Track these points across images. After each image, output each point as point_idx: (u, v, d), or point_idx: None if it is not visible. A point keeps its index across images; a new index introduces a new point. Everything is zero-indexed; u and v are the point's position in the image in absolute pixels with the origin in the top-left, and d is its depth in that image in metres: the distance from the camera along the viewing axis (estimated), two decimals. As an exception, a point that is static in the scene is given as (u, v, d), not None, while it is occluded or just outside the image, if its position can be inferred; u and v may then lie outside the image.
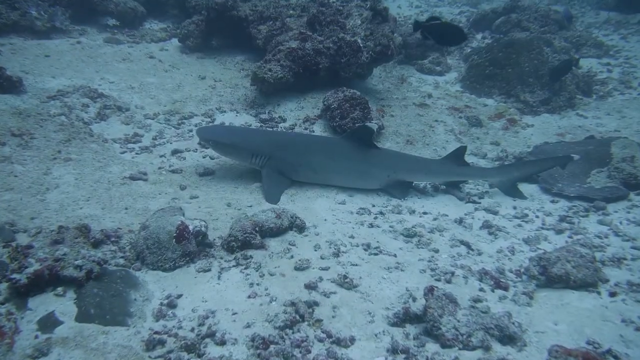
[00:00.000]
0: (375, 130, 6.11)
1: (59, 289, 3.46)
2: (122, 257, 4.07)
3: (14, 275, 3.37)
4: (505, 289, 3.80)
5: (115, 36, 9.34)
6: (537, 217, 5.23)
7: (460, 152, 5.68)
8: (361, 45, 7.77)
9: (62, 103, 6.47)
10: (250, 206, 5.21)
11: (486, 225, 4.93)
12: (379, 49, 7.73)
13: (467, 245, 4.51)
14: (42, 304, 3.35)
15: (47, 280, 3.49)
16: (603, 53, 10.57)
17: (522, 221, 5.13)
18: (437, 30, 6.26)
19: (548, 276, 3.74)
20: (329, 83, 7.96)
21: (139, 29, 9.97)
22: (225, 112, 7.38)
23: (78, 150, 5.61)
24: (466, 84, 8.93)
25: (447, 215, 5.25)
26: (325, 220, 5.00)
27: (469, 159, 6.74)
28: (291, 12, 8.72)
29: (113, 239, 4.25)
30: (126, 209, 4.82)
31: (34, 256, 3.60)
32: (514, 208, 5.45)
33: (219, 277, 3.90)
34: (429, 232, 4.78)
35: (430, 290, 3.38)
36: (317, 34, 8.07)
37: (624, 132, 7.32)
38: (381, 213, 5.23)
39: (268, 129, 6.96)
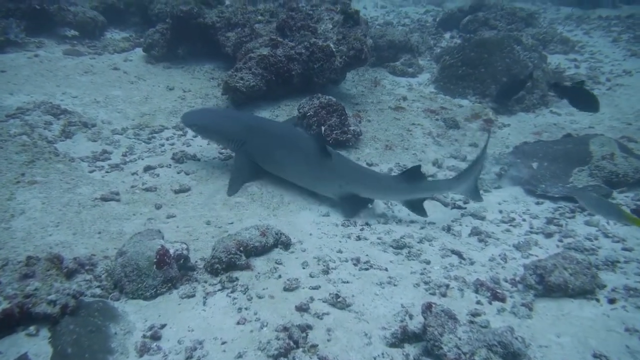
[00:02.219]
0: (323, 132, 6.02)
1: (31, 328, 3.22)
2: (98, 286, 3.84)
3: (-19, 317, 3.12)
4: (503, 300, 3.74)
5: (76, 48, 8.99)
6: (524, 220, 5.22)
7: (416, 170, 5.18)
8: (334, 50, 7.67)
9: (23, 121, 6.14)
10: (231, 223, 5.03)
11: (475, 232, 4.89)
12: (352, 53, 7.65)
13: (459, 255, 4.45)
14: (13, 345, 3.11)
15: (18, 319, 3.24)
16: (569, 49, 10.80)
17: (510, 225, 5.11)
18: (574, 94, 6.12)
19: (546, 285, 3.69)
20: (302, 90, 7.85)
21: (100, 40, 9.64)
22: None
23: (43, 171, 5.31)
24: (440, 85, 8.94)
25: (435, 223, 5.19)
26: (311, 234, 4.86)
27: (449, 161, 6.76)
28: (260, 17, 8.56)
29: (87, 267, 4.01)
30: (99, 233, 4.57)
31: (2, 293, 3.33)
32: (500, 212, 5.44)
33: (204, 303, 3.70)
34: (418, 242, 4.70)
35: (428, 308, 3.29)
36: (288, 39, 7.93)
37: (597, 129, 7.45)
38: (367, 224, 5.12)
39: (249, 113, 6.93)
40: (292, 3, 8.43)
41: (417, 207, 5.27)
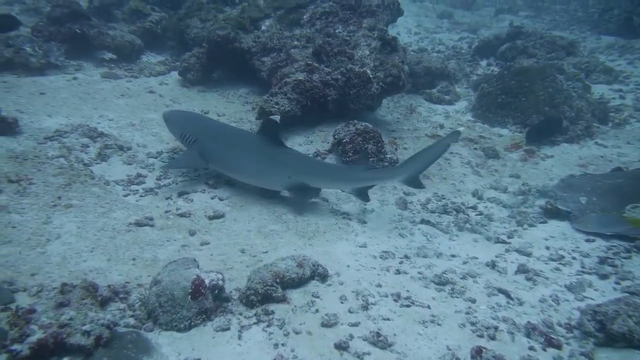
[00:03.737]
0: (278, 121, 5.90)
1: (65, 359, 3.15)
2: (132, 316, 3.78)
3: (15, 346, 3.07)
4: (559, 347, 3.52)
5: (113, 71, 9.17)
6: (574, 258, 4.99)
7: (365, 158, 5.80)
8: (371, 76, 7.63)
9: (61, 144, 6.21)
10: (266, 252, 4.93)
11: (522, 270, 4.68)
12: (389, 79, 7.59)
13: (506, 294, 4.24)
14: (46, 377, 3.04)
15: (52, 350, 3.18)
16: (613, 79, 10.54)
17: (559, 264, 4.88)
18: None
19: (608, 334, 3.47)
20: (337, 115, 7.82)
21: (137, 63, 9.82)
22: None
23: (79, 195, 5.33)
24: (478, 113, 8.79)
25: (477, 258, 5.00)
26: (348, 266, 4.73)
27: (489, 192, 6.58)
28: (296, 43, 8.61)
29: (121, 296, 3.96)
30: (133, 259, 4.53)
31: (37, 322, 3.29)
32: (547, 249, 5.21)
33: (239, 337, 3.60)
34: (461, 278, 4.52)
35: (478, 352, 3.12)
36: (324, 65, 7.94)
37: (647, 162, 7.18)
38: (406, 257, 4.97)
39: (212, 119, 7.29)
40: (328, 29, 8.46)
41: (362, 194, 5.75)
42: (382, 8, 8.68)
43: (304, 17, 9.03)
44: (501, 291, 4.28)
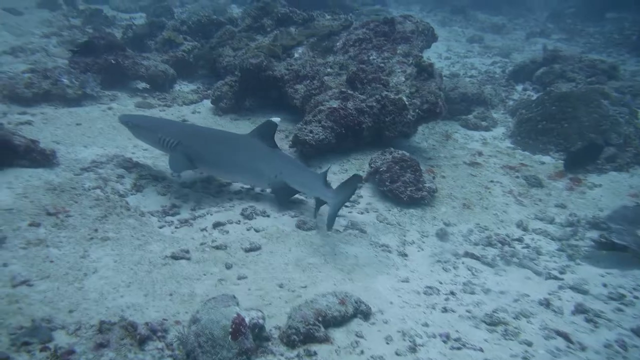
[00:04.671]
0: (277, 124, 6.22)
1: (104, 404, 3.06)
2: (170, 356, 3.68)
3: (55, 390, 2.99)
4: (631, 398, 3.27)
5: (147, 100, 9.30)
6: (636, 298, 4.70)
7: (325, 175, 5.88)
8: (407, 103, 7.54)
9: (97, 175, 6.25)
10: (305, 287, 4.80)
11: (580, 310, 4.42)
12: (426, 106, 7.48)
13: (565, 338, 4.00)
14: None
15: (91, 393, 3.10)
16: (658, 102, 10.20)
17: (621, 303, 4.60)
18: None
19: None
20: (372, 143, 7.73)
21: (170, 92, 9.95)
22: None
23: (115, 227, 5.31)
24: (517, 140, 8.58)
25: (529, 296, 4.75)
26: (391, 303, 4.55)
27: (534, 224, 6.33)
28: (329, 70, 8.60)
29: (159, 334, 3.86)
30: (170, 295, 4.44)
31: (76, 364, 3.22)
32: (605, 286, 4.93)
33: (281, 381, 3.45)
34: (514, 318, 4.29)
35: (544, 403, 2.88)
36: (358, 92, 7.88)
37: None
38: (452, 293, 4.76)
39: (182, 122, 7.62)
40: (362, 56, 8.44)
41: (318, 207, 5.92)
42: (417, 34, 8.62)
43: (337, 44, 9.04)
44: (559, 334, 4.04)
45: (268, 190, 6.32)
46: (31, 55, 10.58)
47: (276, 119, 6.24)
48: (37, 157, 5.91)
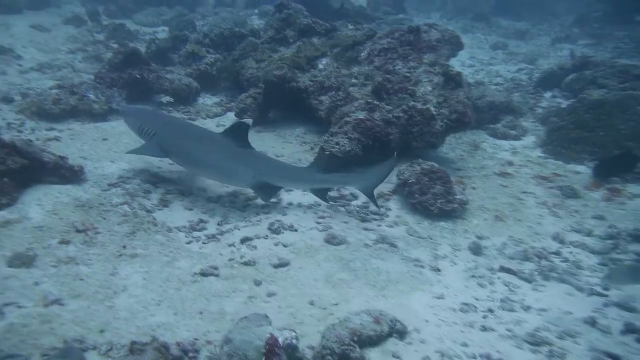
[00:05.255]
0: (250, 125, 6.51)
1: None
2: (202, 377, 3.60)
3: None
4: None
5: (171, 114, 9.34)
6: (688, 314, 4.49)
7: (322, 159, 6.25)
8: (434, 113, 7.42)
9: (124, 190, 6.27)
10: (336, 304, 4.69)
11: (630, 329, 4.21)
12: (454, 116, 7.36)
13: None
14: None
15: (125, 417, 3.04)
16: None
17: (673, 321, 4.39)
18: None
19: None
20: (399, 154, 7.59)
21: (194, 105, 10.00)
22: (290, 190, 7.02)
23: (143, 243, 5.29)
24: (548, 149, 8.37)
25: (572, 313, 4.56)
26: (427, 321, 4.42)
27: (571, 236, 6.13)
28: (354, 80, 8.53)
29: (191, 354, 3.82)
30: (200, 313, 4.38)
31: (110, 387, 3.17)
32: (653, 302, 4.72)
33: (317, 404, 3.34)
34: (557, 337, 4.12)
35: None
36: (384, 102, 7.79)
37: None
38: (490, 310, 4.60)
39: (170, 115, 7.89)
40: (387, 66, 8.36)
41: (321, 195, 6.25)
42: (443, 42, 8.52)
43: (362, 54, 8.99)
44: (610, 356, 3.85)
45: (248, 189, 6.41)
46: (58, 71, 10.76)
47: (248, 120, 6.85)
48: (65, 173, 5.94)
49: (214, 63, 11.00)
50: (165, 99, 9.89)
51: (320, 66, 9.17)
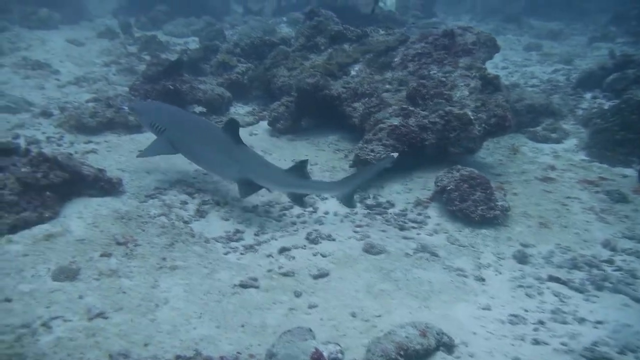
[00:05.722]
0: (239, 123, 6.73)
1: None
2: (247, 392, 3.55)
3: None
4: None
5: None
6: None
7: (302, 165, 6.12)
8: (472, 117, 7.26)
9: (161, 202, 6.31)
10: (379, 316, 4.59)
11: (696, 342, 4.00)
12: (493, 120, 7.19)
13: (683, 375, 3.62)
14: None
15: None
16: None
17: None
18: None
19: None
20: (435, 160, 7.48)
21: (226, 114, 10.04)
22: (326, 199, 6.96)
23: (182, 255, 5.30)
24: (592, 152, 8.10)
25: (631, 326, 4.34)
26: (475, 334, 4.28)
27: (623, 243, 5.89)
28: (387, 86, 8.43)
29: (235, 369, 3.76)
30: (242, 326, 4.34)
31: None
32: None
33: (365, 421, 3.25)
34: (618, 353, 3.93)
35: None
36: (419, 108, 7.67)
37: None
38: (541, 322, 4.43)
39: (178, 108, 7.62)
40: (422, 70, 8.24)
41: (297, 199, 6.35)
42: (478, 45, 8.35)
43: (395, 59, 8.89)
44: (675, 371, 3.66)
45: (233, 183, 6.61)
46: (93, 84, 10.97)
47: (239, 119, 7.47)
48: (104, 185, 6.01)
49: (245, 72, 11.06)
50: (199, 109, 9.96)
51: (353, 73, 9.10)
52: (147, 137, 8.47)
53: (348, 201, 6.19)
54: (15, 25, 15.77)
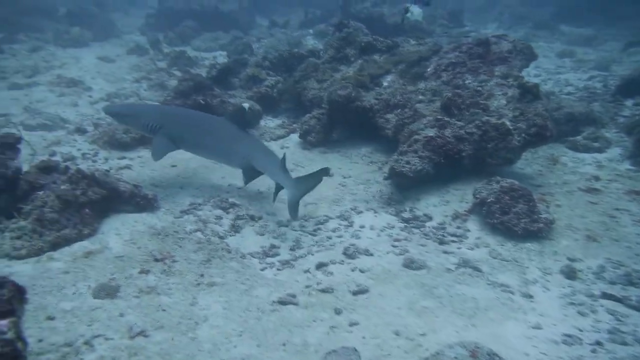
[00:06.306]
0: (246, 109, 7.47)
1: None
2: (292, 415, 3.44)
3: None
4: None
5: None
6: None
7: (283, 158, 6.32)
8: (510, 127, 7.09)
9: (196, 217, 6.30)
10: (424, 334, 4.45)
11: None
12: (533, 130, 7.01)
13: None
14: None
15: None
16: None
17: None
18: None
19: None
20: (472, 171, 7.32)
21: (257, 128, 10.05)
22: (361, 212, 6.86)
23: (219, 271, 5.25)
24: (638, 161, 7.82)
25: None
26: (527, 355, 4.11)
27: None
28: (421, 97, 8.33)
29: (279, 391, 3.66)
30: (284, 344, 4.25)
31: None
32: None
33: None
34: (685, 375, 3.71)
35: None
36: (455, 118, 7.54)
37: None
38: (598, 343, 4.22)
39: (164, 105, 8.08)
40: (456, 80, 8.12)
41: (277, 190, 6.46)
42: (514, 53, 8.20)
43: (428, 70, 8.79)
44: None
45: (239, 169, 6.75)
46: (125, 100, 11.14)
47: (246, 105, 7.55)
48: (140, 201, 6.03)
49: (274, 85, 11.07)
50: (229, 123, 10.00)
51: (385, 84, 9.03)
52: (179, 152, 8.52)
53: (296, 202, 6.23)
54: (49, 44, 16.23)
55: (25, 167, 5.75)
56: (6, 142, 5.34)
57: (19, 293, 2.78)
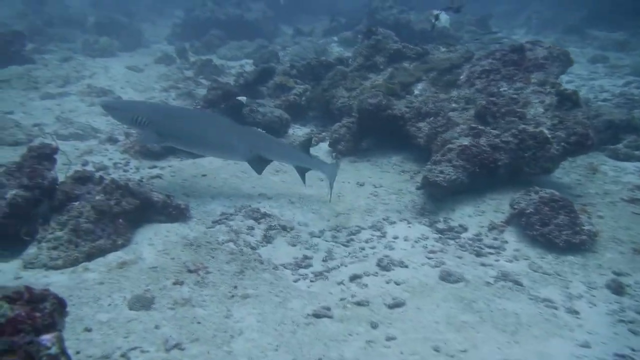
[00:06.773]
0: (244, 102, 7.73)
1: None
2: None
3: None
4: None
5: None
6: None
7: (307, 142, 7.11)
8: (549, 136, 6.91)
9: (228, 227, 6.27)
10: (465, 350, 4.32)
11: None
12: (573, 139, 6.82)
13: None
14: None
15: None
16: None
17: None
18: None
19: None
20: (508, 181, 7.16)
21: (285, 136, 10.04)
22: (394, 222, 6.76)
23: (253, 283, 5.20)
24: (683, 170, 7.56)
25: None
26: (577, 375, 3.94)
27: None
28: (454, 105, 8.20)
29: (318, 408, 3.58)
30: (320, 359, 4.16)
31: None
32: None
33: None
34: None
35: None
36: (490, 127, 7.39)
37: None
38: (652, 364, 4.04)
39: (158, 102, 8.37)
40: (491, 88, 7.97)
41: (302, 173, 7.02)
42: (551, 60, 8.02)
43: (461, 77, 8.66)
44: None
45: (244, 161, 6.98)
46: (154, 110, 11.23)
47: (242, 98, 7.98)
48: (173, 212, 6.04)
49: (302, 93, 11.07)
50: (258, 131, 10.01)
51: (416, 92, 8.93)
52: (209, 161, 8.56)
53: (332, 182, 6.96)
54: (78, 54, 16.55)
55: (60, 177, 5.80)
56: (43, 152, 5.41)
57: (61, 306, 2.76)
